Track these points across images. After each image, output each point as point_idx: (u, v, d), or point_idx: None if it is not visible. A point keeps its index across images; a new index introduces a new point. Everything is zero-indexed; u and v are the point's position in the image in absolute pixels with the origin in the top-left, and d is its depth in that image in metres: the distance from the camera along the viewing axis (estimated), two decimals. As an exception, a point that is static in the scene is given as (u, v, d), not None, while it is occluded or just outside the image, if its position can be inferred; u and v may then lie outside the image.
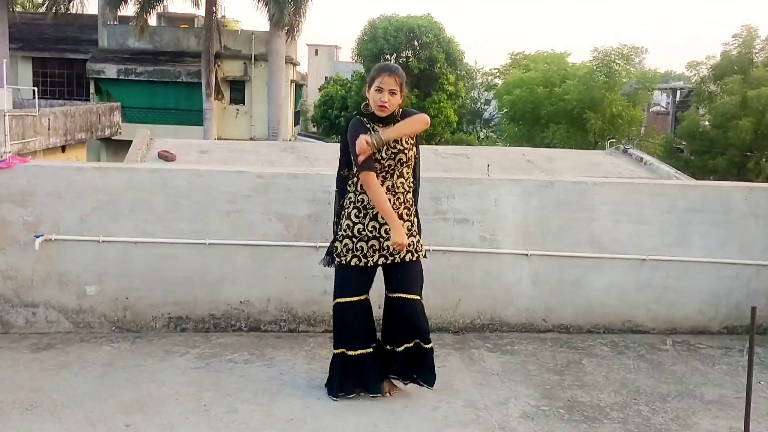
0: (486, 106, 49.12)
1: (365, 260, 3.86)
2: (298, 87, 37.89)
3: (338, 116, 39.76)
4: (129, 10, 27.41)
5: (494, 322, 5.15)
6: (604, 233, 5.16)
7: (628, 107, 31.89)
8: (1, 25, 25.59)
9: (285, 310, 4.96)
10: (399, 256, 3.84)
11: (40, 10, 32.00)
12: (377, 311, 3.98)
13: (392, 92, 3.80)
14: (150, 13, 27.49)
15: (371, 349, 3.94)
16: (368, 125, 3.83)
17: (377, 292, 3.98)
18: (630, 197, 5.19)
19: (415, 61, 34.58)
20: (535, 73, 35.01)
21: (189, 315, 4.92)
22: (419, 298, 3.90)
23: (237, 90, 31.87)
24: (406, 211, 3.90)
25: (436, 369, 3.99)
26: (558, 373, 4.42)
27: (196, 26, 33.40)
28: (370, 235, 3.86)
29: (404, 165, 3.88)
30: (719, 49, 29.62)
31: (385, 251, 3.85)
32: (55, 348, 4.53)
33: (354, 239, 3.86)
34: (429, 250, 4.98)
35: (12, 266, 4.76)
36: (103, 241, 4.77)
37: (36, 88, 23.67)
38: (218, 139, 27.69)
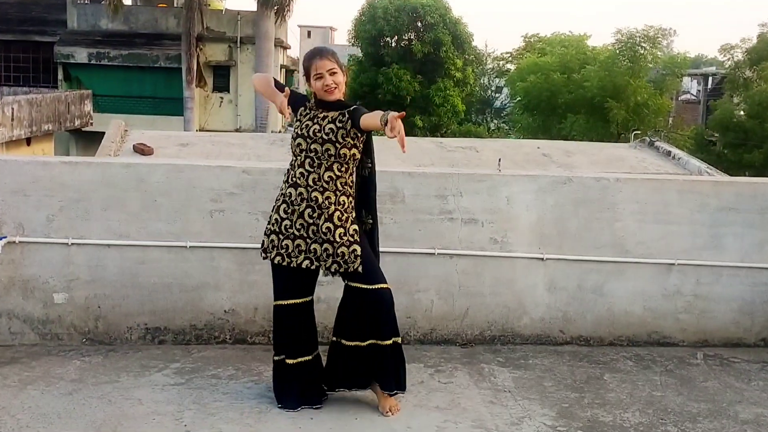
0: (497, 94, 49.21)
1: (289, 260, 3.91)
2: (289, 73, 37.93)
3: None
4: (101, -13, 27.46)
5: (506, 334, 5.16)
6: (628, 235, 5.17)
7: (654, 95, 31.95)
8: (-41, 4, 25.62)
9: (274, 320, 4.97)
10: (324, 265, 3.89)
11: (3, -12, 32.05)
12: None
13: (332, 72, 3.90)
14: (124, -9, 27.51)
15: (311, 357, 4.02)
16: (309, 104, 3.98)
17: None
18: (657, 195, 5.20)
19: (418, 44, 34.59)
20: (552, 57, 35.10)
21: (168, 326, 4.92)
22: (381, 286, 3.90)
23: (221, 76, 31.90)
24: (338, 214, 3.88)
25: (404, 376, 4.02)
26: (577, 390, 4.43)
27: (175, 5, 33.45)
28: (296, 233, 3.90)
29: (334, 159, 3.87)
30: (756, 31, 29.70)
31: (311, 254, 3.88)
32: (19, 362, 4.54)
33: (280, 236, 3.92)
34: (433, 254, 5.01)
35: (-29, 271, 4.76)
36: (72, 244, 4.78)
37: (-2, 75, 23.71)
38: (200, 130, 27.77)
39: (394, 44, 35.62)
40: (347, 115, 3.88)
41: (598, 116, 31.68)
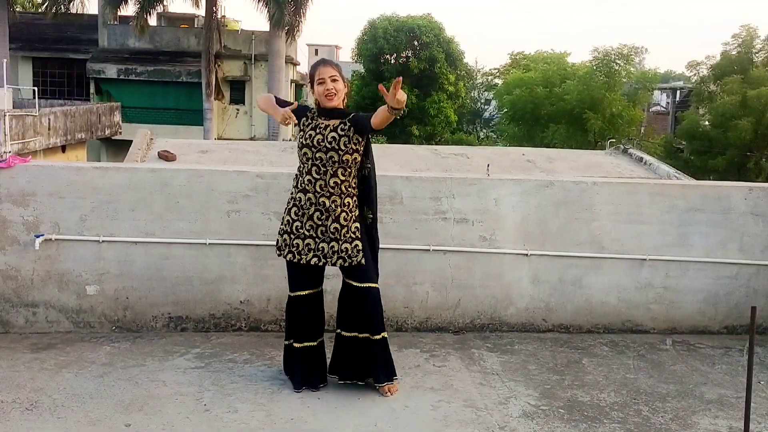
0: (486, 106, 49.19)
1: (299, 257, 3.93)
2: (299, 87, 37.87)
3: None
4: (129, 10, 27.42)
5: (494, 322, 5.16)
6: (604, 233, 5.16)
7: (628, 107, 31.94)
8: (1, 25, 25.60)
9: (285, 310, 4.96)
10: (330, 261, 3.91)
11: (40, 10, 32.02)
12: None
13: (333, 78, 3.89)
14: (150, 13, 27.45)
15: (316, 343, 4.03)
16: (311, 113, 3.94)
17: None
18: (630, 197, 5.19)
19: (415, 60, 34.59)
20: (535, 73, 35.07)
21: (189, 315, 4.92)
22: (371, 285, 3.94)
23: (237, 90, 31.88)
24: (344, 215, 3.90)
25: (391, 365, 4.01)
26: (558, 373, 4.42)
27: (196, 26, 33.41)
28: (306, 233, 3.92)
29: (338, 165, 3.86)
30: (719, 49, 29.67)
31: (320, 252, 3.91)
32: (55, 348, 4.53)
33: (291, 235, 3.95)
34: (429, 250, 5.00)
35: (12, 266, 4.76)
36: (103, 241, 4.77)
37: (36, 88, 23.69)
38: (218, 138, 27.72)
39: (393, 61, 35.61)
40: (348, 123, 3.87)
41: (577, 126, 31.64)
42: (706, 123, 28.68)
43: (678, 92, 39.11)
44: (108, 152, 28.27)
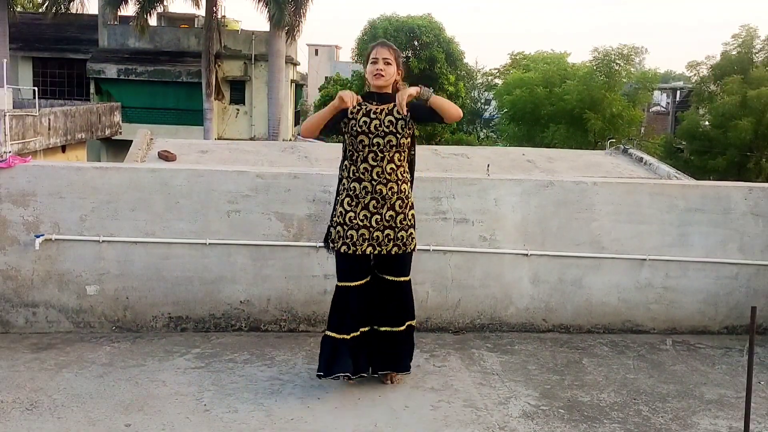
0: (486, 106, 49.17)
1: (354, 248, 3.90)
2: (299, 87, 37.90)
3: (338, 116, 39.63)
4: (129, 10, 27.45)
5: (494, 322, 5.15)
6: (604, 233, 5.16)
7: (628, 107, 31.93)
8: (1, 25, 25.61)
9: (285, 310, 4.97)
10: (386, 249, 3.91)
11: (40, 10, 31.99)
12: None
13: (386, 61, 3.91)
14: (150, 13, 27.47)
15: (359, 333, 4.00)
16: (359, 101, 3.89)
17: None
18: (630, 197, 5.19)
19: (415, 61, 34.57)
20: (535, 73, 35.05)
21: (189, 315, 4.92)
22: (406, 279, 4.05)
23: (237, 90, 31.88)
24: (399, 202, 3.91)
25: (413, 358, 4.13)
26: (558, 373, 4.42)
27: (196, 26, 33.42)
28: (360, 224, 3.89)
29: (395, 149, 3.87)
30: (719, 50, 29.69)
31: (374, 241, 3.90)
32: (55, 348, 4.53)
33: (345, 227, 3.91)
34: (429, 250, 5.00)
35: (12, 266, 4.76)
36: (103, 241, 4.77)
37: (36, 88, 23.68)
38: (218, 139, 27.73)
39: (393, 61, 35.53)
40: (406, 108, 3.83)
41: (577, 126, 31.64)
42: (706, 123, 28.71)
43: (678, 92, 39.16)
44: (108, 152, 28.27)
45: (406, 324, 4.06)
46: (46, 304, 4.81)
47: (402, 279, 4.03)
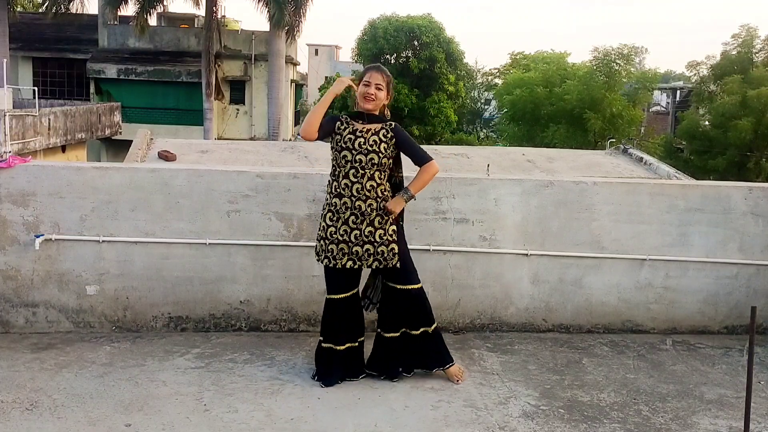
0: (486, 106, 49.17)
1: (334, 262, 4.03)
2: (299, 87, 37.88)
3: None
4: (129, 10, 27.38)
5: (494, 322, 5.15)
6: (604, 233, 5.16)
7: (628, 107, 31.90)
8: (1, 25, 25.59)
9: (285, 310, 4.97)
10: (366, 263, 4.02)
11: (40, 10, 32.01)
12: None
13: (378, 87, 4.04)
14: (150, 13, 27.42)
15: (357, 344, 4.15)
16: (344, 118, 4.05)
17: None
18: (630, 197, 5.19)
19: (415, 61, 34.54)
20: (535, 73, 35.02)
21: (189, 315, 4.92)
22: (413, 287, 4.11)
23: (237, 90, 31.87)
24: (379, 218, 4.01)
25: (444, 351, 4.21)
26: (558, 373, 4.42)
27: (196, 26, 33.40)
28: (340, 238, 4.01)
29: (376, 168, 3.99)
30: (719, 49, 29.67)
31: (354, 256, 4.00)
32: (55, 348, 4.53)
33: (327, 241, 4.05)
34: (429, 250, 5.00)
35: (12, 266, 4.76)
36: (103, 241, 4.77)
37: (36, 88, 23.68)
38: (218, 138, 27.72)
39: (393, 61, 35.53)
40: (390, 132, 4.01)
41: (577, 126, 31.61)
42: (706, 123, 28.69)
43: (678, 92, 39.14)
44: (108, 152, 28.26)
45: (421, 329, 4.14)
46: (46, 304, 4.81)
47: (409, 287, 4.09)
